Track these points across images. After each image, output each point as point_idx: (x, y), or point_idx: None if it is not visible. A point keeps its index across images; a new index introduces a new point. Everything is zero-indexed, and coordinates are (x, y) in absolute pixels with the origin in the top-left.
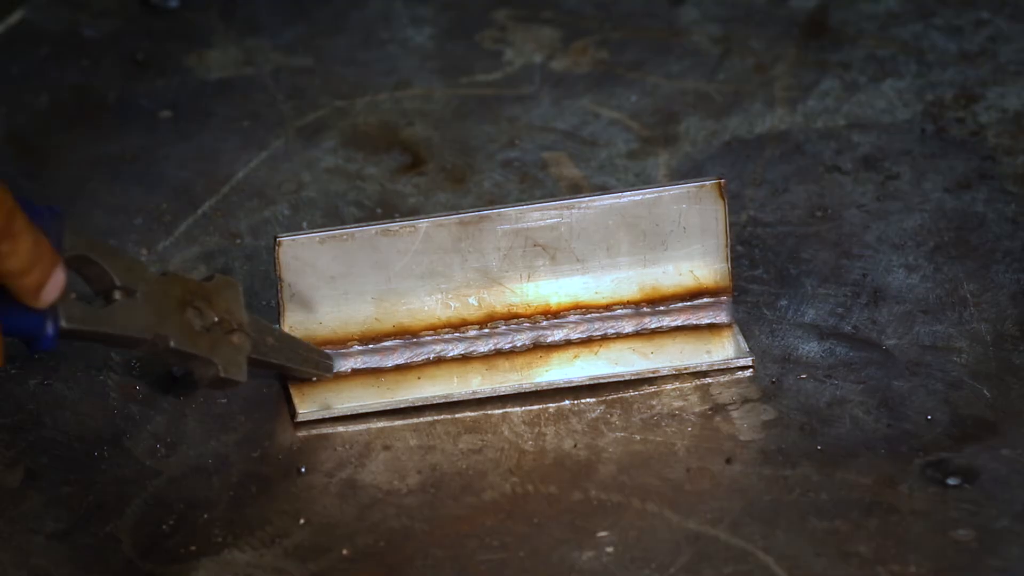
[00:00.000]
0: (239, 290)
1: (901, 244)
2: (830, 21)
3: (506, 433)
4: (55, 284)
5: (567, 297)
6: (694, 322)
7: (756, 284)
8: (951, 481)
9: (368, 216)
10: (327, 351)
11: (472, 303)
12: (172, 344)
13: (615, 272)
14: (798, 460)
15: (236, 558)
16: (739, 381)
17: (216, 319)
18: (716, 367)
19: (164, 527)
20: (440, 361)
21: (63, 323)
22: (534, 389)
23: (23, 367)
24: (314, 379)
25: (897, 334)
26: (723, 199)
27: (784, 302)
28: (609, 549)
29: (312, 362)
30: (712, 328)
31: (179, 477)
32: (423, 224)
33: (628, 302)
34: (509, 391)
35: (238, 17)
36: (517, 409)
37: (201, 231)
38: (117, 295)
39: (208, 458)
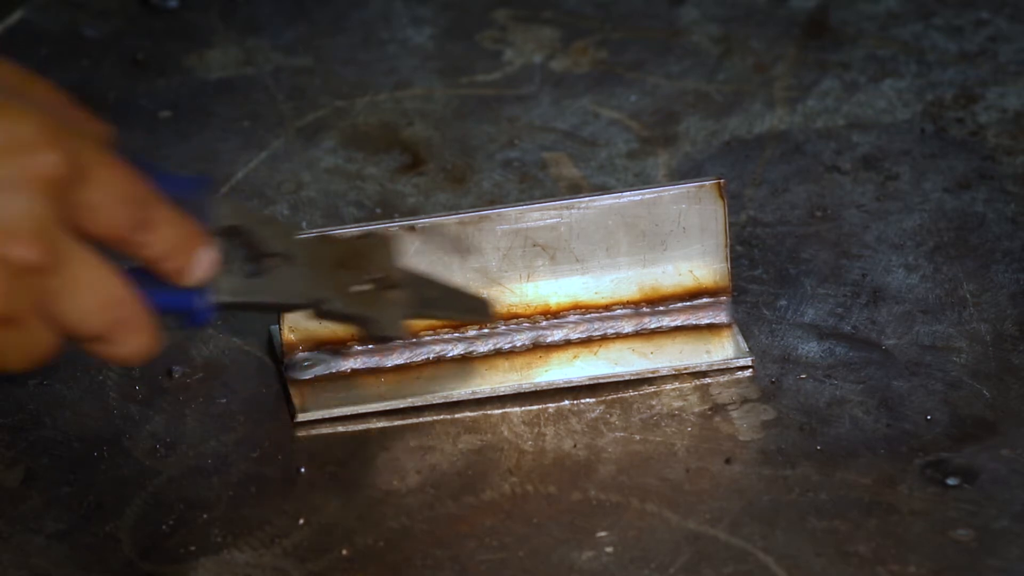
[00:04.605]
0: (394, 246)
1: (901, 244)
2: (830, 21)
3: (505, 433)
4: (201, 264)
5: (567, 297)
6: (694, 322)
7: (756, 284)
8: (951, 481)
9: (368, 216)
10: (487, 299)
11: None
12: (328, 306)
13: (614, 272)
14: (798, 460)
15: (236, 558)
16: (739, 381)
17: (373, 277)
18: (716, 367)
19: (164, 527)
20: (440, 361)
21: (217, 297)
22: (534, 389)
23: None
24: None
25: (897, 334)
26: (723, 199)
27: (784, 302)
28: (609, 549)
29: (472, 310)
30: (712, 328)
31: (179, 477)
32: (423, 224)
33: (627, 302)
34: (509, 391)
35: (238, 17)
36: (517, 409)
37: None
38: (271, 262)
39: (208, 458)
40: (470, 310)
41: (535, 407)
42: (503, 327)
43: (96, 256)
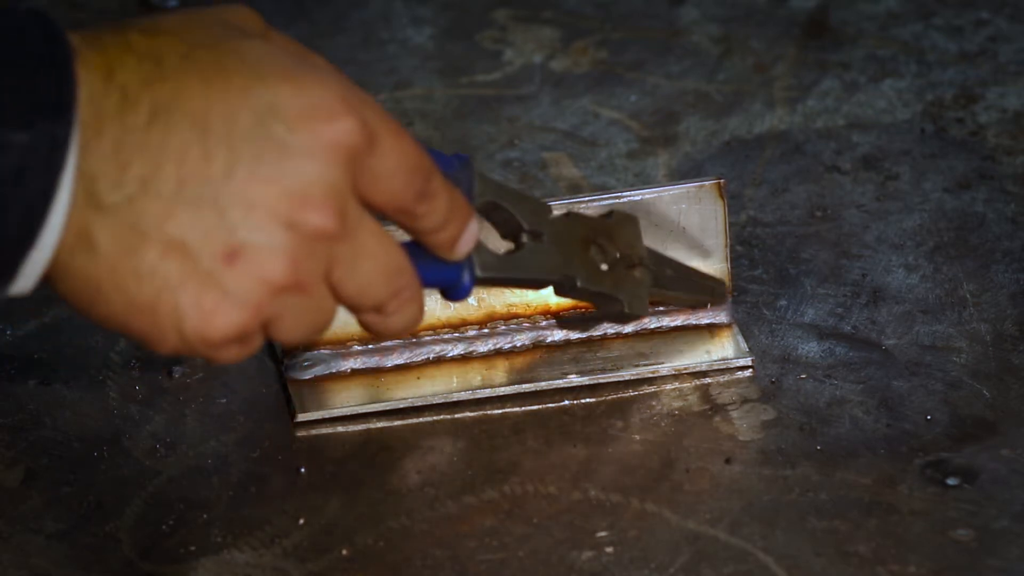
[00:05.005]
0: (638, 224)
1: (901, 244)
2: (830, 21)
3: (506, 433)
4: (469, 237)
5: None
6: (694, 322)
7: (756, 284)
8: (951, 481)
9: None
10: (720, 279)
11: (471, 303)
12: (579, 283)
13: None
14: (798, 460)
15: (236, 558)
16: (739, 381)
17: (618, 255)
18: (716, 367)
19: (164, 527)
20: (440, 361)
21: (478, 272)
22: (534, 389)
23: (23, 367)
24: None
25: (897, 334)
26: (723, 199)
27: (784, 302)
28: (609, 549)
29: (708, 289)
30: (712, 328)
31: (179, 477)
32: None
33: None
34: (509, 391)
35: None
36: (517, 409)
37: None
38: (525, 238)
39: (208, 458)
40: (704, 290)
41: (535, 407)
42: (503, 327)
43: (379, 225)
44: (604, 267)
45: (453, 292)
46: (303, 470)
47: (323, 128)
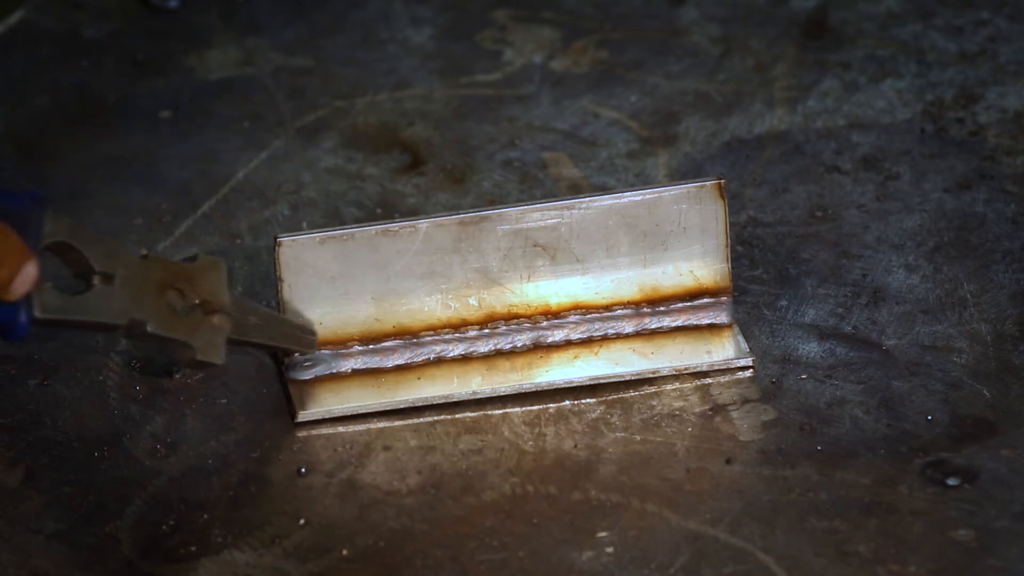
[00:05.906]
0: (223, 270)
1: (901, 244)
2: (830, 21)
3: (506, 433)
4: (24, 279)
5: (567, 297)
6: (694, 322)
7: (756, 284)
8: (951, 481)
9: (368, 216)
10: (310, 328)
11: (472, 303)
12: (148, 328)
13: (615, 272)
14: (798, 460)
15: (236, 558)
16: (739, 381)
17: (197, 301)
18: (716, 367)
19: (164, 527)
20: (440, 361)
21: (37, 313)
22: (534, 389)
23: (23, 367)
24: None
25: (897, 334)
26: (723, 199)
27: (784, 302)
28: (609, 549)
29: (295, 339)
30: (712, 328)
31: (179, 477)
32: (423, 224)
33: (628, 302)
34: (509, 391)
35: (238, 17)
36: (517, 409)
37: (201, 231)
38: (96, 280)
39: (208, 458)
40: (291, 339)
41: (536, 407)
42: (503, 327)
43: None
44: (180, 312)
45: (10, 332)
46: (303, 470)
47: None
